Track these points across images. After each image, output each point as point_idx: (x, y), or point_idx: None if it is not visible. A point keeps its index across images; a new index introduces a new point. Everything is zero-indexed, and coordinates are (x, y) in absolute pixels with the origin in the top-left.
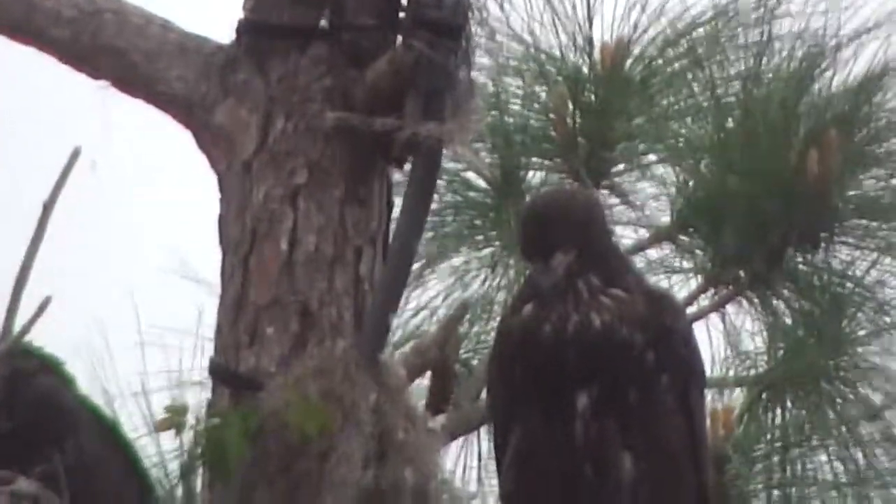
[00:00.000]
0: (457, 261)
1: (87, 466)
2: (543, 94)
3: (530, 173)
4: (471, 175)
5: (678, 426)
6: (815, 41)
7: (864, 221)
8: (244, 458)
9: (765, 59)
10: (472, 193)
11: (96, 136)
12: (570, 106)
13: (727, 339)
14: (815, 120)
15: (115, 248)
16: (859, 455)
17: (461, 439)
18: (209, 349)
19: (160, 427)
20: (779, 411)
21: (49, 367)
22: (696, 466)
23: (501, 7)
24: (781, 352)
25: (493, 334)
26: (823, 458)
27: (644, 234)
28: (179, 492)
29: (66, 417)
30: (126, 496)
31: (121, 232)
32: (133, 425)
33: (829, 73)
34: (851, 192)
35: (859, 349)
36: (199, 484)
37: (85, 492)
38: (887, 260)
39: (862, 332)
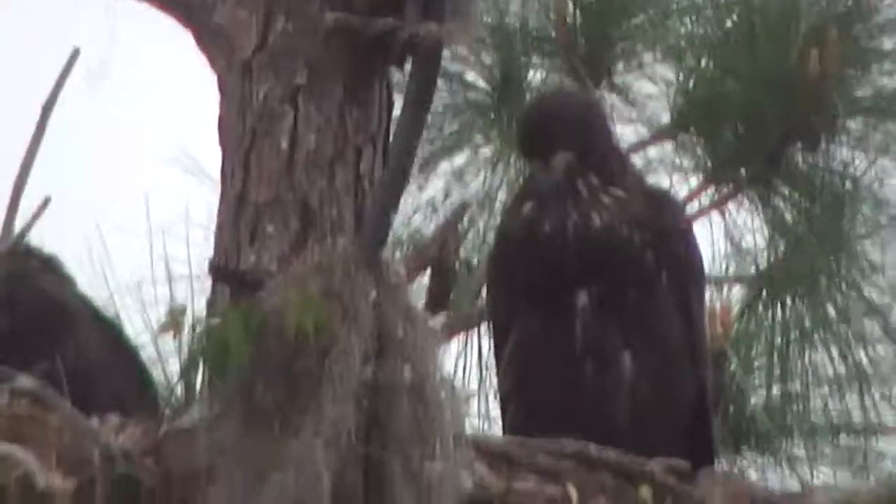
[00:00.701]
0: (457, 160)
1: (87, 365)
2: None
3: (530, 73)
4: (470, 76)
5: (677, 324)
6: None
7: (863, 120)
8: (244, 356)
9: None
10: (471, 94)
11: (100, 37)
12: (571, 5)
13: (727, 236)
14: (816, 18)
15: (119, 149)
16: (859, 351)
17: (461, 338)
18: (210, 247)
19: (161, 329)
20: (779, 308)
21: (49, 267)
22: (694, 364)
23: None
24: (781, 249)
25: (493, 234)
26: (823, 354)
27: (644, 132)
28: (179, 390)
29: (67, 316)
30: (126, 394)
31: (123, 132)
32: (134, 325)
33: None
34: (851, 91)
35: (858, 246)
36: (199, 382)
37: (85, 390)
38: (886, 159)
39: (861, 231)
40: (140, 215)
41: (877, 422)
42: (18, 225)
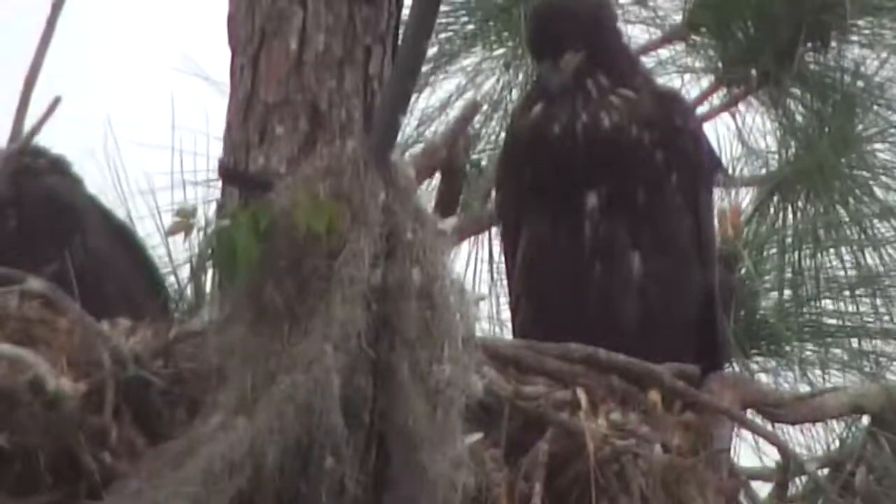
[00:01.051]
0: (469, 61)
1: (96, 264)
2: None
3: None
4: None
5: (686, 225)
6: None
7: (874, 19)
8: (254, 256)
9: None
10: None
11: None
12: None
13: (738, 137)
14: None
15: (127, 50)
16: (871, 254)
17: (471, 240)
18: (219, 149)
19: (171, 231)
20: (790, 210)
21: (58, 167)
22: (703, 265)
23: None
24: (792, 151)
25: (502, 135)
26: (835, 257)
27: (656, 33)
28: (189, 291)
29: (75, 216)
30: (135, 293)
31: (132, 33)
32: (144, 226)
33: None
34: None
35: (870, 147)
36: (208, 284)
37: (94, 289)
38: None
39: (873, 130)
40: (149, 117)
41: (889, 326)
42: (28, 125)
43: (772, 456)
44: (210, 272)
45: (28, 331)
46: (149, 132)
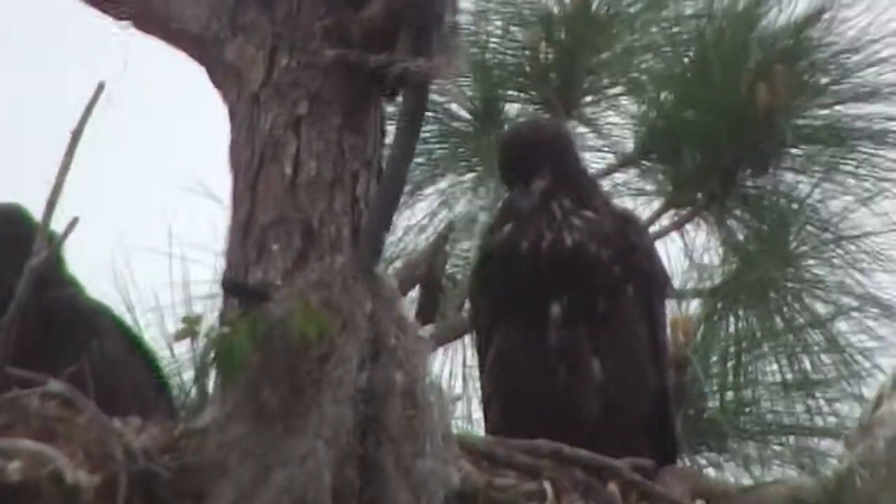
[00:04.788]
0: (442, 184)
1: (111, 367)
2: (519, 34)
3: (507, 105)
4: (454, 106)
5: (642, 332)
6: None
7: (807, 147)
8: (250, 360)
9: (716, 0)
10: (455, 123)
11: (119, 72)
12: (543, 44)
13: (686, 254)
14: (763, 55)
15: (137, 173)
16: (804, 359)
17: (447, 346)
18: (221, 264)
19: (178, 336)
20: (732, 319)
21: (73, 280)
22: (657, 368)
23: None
24: (735, 265)
25: (475, 251)
26: (773, 362)
27: (610, 159)
28: (193, 392)
29: (92, 322)
30: (145, 394)
31: (141, 158)
32: (152, 335)
33: (774, 12)
34: (796, 121)
35: (804, 262)
36: (210, 386)
37: (109, 389)
38: (827, 182)
39: (806, 247)
40: (156, 234)
41: (821, 424)
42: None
43: None
44: (212, 374)
45: (48, 428)
46: (157, 245)
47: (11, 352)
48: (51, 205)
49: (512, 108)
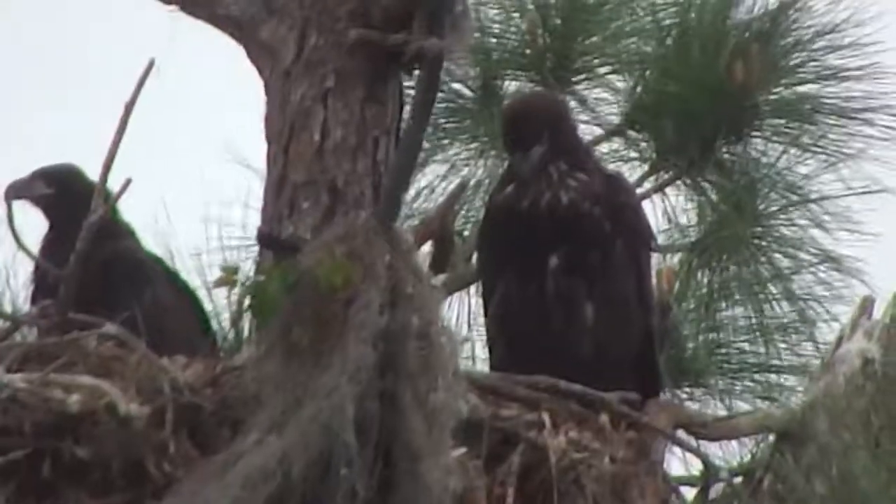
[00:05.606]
0: (450, 151)
1: (162, 312)
2: (518, 19)
3: (507, 83)
4: (459, 85)
5: (630, 281)
6: None
7: (777, 120)
8: (282, 305)
9: None
10: (461, 100)
11: (165, 49)
12: (540, 27)
13: (667, 213)
14: (740, 37)
15: (181, 141)
16: (768, 307)
17: (456, 294)
18: (256, 221)
19: (217, 284)
20: (707, 271)
21: (130, 233)
22: (644, 313)
23: None
24: (710, 224)
25: (481, 210)
26: (741, 310)
27: (600, 130)
28: (231, 335)
29: (146, 272)
30: (192, 337)
31: (185, 127)
32: (194, 284)
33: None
34: (768, 96)
35: (771, 222)
36: (246, 329)
37: (160, 332)
38: (794, 150)
39: (774, 208)
40: (196, 195)
41: (782, 363)
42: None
43: (697, 466)
44: (248, 318)
45: (104, 365)
46: (200, 207)
47: (74, 298)
48: (107, 167)
49: (511, 86)
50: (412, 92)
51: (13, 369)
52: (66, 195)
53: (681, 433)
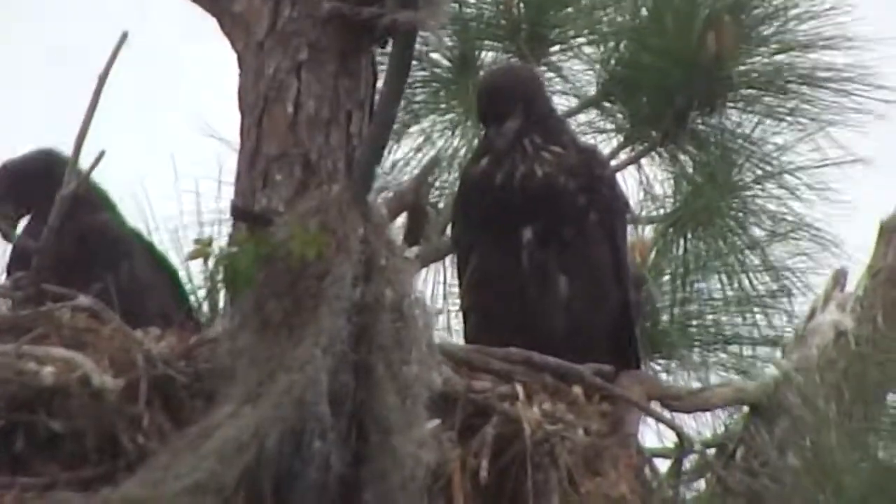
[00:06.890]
0: (425, 124)
1: (139, 284)
2: None
3: (483, 54)
4: (435, 55)
5: (605, 253)
6: None
7: (751, 90)
8: (256, 277)
9: None
10: (436, 70)
11: (140, 24)
12: None
13: (642, 185)
14: (713, 7)
15: (155, 114)
16: (743, 279)
17: (431, 266)
18: (230, 193)
19: (191, 256)
20: (682, 243)
21: (106, 205)
22: (619, 285)
23: None
24: (685, 195)
25: (455, 182)
26: (717, 281)
27: (575, 101)
28: (206, 307)
29: (124, 245)
30: (168, 308)
31: (159, 100)
32: (169, 257)
33: None
34: (741, 67)
35: (746, 193)
36: (221, 300)
37: (138, 305)
38: (768, 121)
39: (748, 179)
40: (172, 167)
41: (755, 336)
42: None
43: (670, 438)
44: (222, 290)
45: (78, 337)
46: (172, 180)
47: (51, 271)
48: (79, 140)
49: (487, 57)
50: (386, 65)
51: None
52: (45, 179)
53: (655, 405)
